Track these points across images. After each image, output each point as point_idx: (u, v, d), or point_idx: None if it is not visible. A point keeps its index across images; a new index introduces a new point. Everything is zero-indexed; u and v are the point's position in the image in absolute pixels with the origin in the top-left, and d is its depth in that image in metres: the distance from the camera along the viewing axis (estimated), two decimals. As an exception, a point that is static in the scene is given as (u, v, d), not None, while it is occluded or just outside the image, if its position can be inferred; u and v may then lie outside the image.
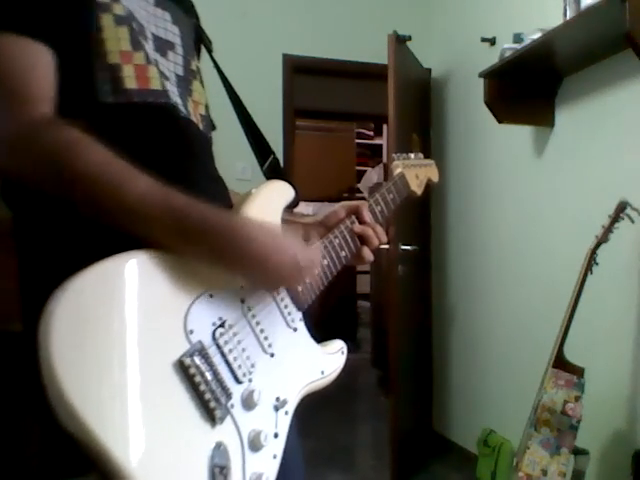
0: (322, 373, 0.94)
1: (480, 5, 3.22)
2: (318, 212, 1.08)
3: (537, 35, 2.28)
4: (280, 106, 3.57)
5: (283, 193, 0.96)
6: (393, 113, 3.02)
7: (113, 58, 0.84)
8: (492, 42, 3.01)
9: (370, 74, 3.68)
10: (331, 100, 5.85)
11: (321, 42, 3.63)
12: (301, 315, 0.93)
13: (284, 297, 0.90)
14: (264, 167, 1.08)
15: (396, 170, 1.20)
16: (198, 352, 0.74)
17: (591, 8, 1.97)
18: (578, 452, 1.99)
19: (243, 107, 1.10)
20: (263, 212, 0.90)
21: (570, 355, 2.04)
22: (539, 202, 2.71)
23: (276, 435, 0.82)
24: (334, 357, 0.98)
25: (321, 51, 3.59)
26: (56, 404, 0.62)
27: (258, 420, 0.80)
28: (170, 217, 0.74)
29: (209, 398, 0.73)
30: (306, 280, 0.91)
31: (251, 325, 0.84)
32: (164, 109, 0.89)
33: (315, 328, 0.98)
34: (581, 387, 1.95)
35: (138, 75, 0.86)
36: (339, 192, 7.15)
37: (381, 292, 4.58)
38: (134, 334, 0.69)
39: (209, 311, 0.78)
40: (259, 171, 1.08)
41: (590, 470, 2.05)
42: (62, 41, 0.81)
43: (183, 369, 0.72)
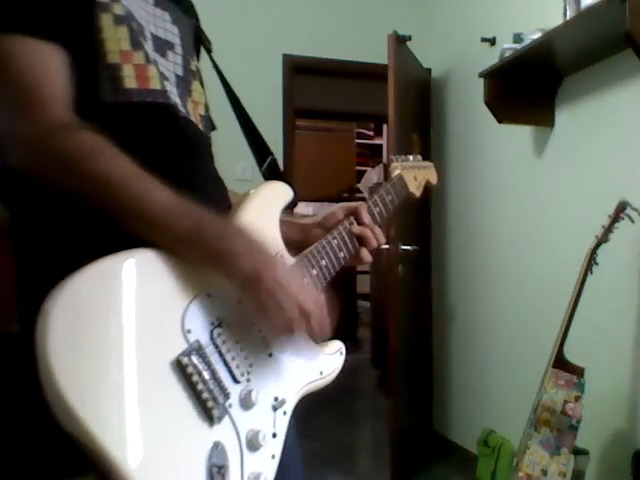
0: (321, 373, 0.94)
1: (480, 5, 3.22)
2: (318, 212, 1.08)
3: (537, 35, 2.28)
4: (280, 106, 3.57)
5: (282, 194, 0.96)
6: (393, 113, 3.02)
7: (113, 58, 0.84)
8: (492, 42, 3.01)
9: (370, 74, 3.68)
10: (331, 100, 5.85)
11: (321, 42, 3.62)
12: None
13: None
14: (262, 168, 1.08)
15: (395, 172, 1.20)
16: (196, 351, 0.74)
17: (591, 8, 1.96)
18: (578, 452, 1.98)
19: (242, 108, 1.10)
20: (261, 213, 0.90)
21: (570, 355, 2.04)
22: (539, 202, 2.71)
23: (274, 435, 0.82)
24: (333, 357, 0.98)
25: (321, 51, 3.59)
26: (54, 404, 0.62)
27: (256, 420, 0.80)
28: (189, 231, 0.75)
29: (207, 397, 0.73)
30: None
31: (249, 325, 0.83)
32: (163, 109, 0.89)
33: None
34: (581, 387, 1.95)
35: (138, 75, 0.86)
36: (339, 192, 7.16)
37: (381, 292, 4.58)
38: (132, 333, 0.69)
39: (207, 311, 0.78)
40: (259, 171, 1.09)
41: (590, 470, 2.05)
42: (66, 41, 0.81)
43: (181, 368, 0.72)
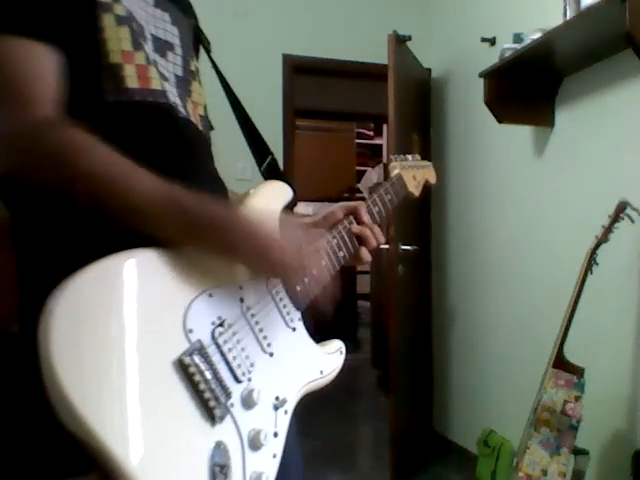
0: (321, 373, 0.95)
1: (480, 5, 3.22)
2: (318, 212, 1.08)
3: (537, 35, 2.28)
4: (280, 106, 3.58)
5: (281, 193, 0.96)
6: (393, 113, 3.02)
7: (115, 58, 0.85)
8: (492, 42, 3.01)
9: (370, 74, 3.68)
10: (331, 100, 5.85)
11: (321, 42, 3.63)
12: (300, 315, 0.93)
13: (283, 297, 0.90)
14: (262, 167, 1.08)
15: (394, 171, 1.20)
16: (197, 351, 0.74)
17: (591, 8, 1.97)
18: (578, 452, 1.98)
19: (241, 108, 1.10)
20: (261, 213, 0.90)
21: (570, 355, 2.04)
22: (539, 202, 2.71)
23: (276, 434, 0.83)
24: (333, 357, 0.98)
25: (321, 51, 3.59)
26: (57, 403, 0.63)
27: (258, 419, 0.80)
28: (175, 213, 0.75)
29: (209, 397, 0.73)
30: (311, 269, 0.91)
31: (250, 324, 0.84)
32: (164, 109, 0.89)
33: (317, 328, 0.99)
34: (581, 387, 1.95)
35: (139, 75, 0.86)
36: (339, 192, 7.15)
37: (381, 292, 4.58)
38: (134, 333, 0.69)
39: (208, 310, 0.78)
40: (258, 171, 1.09)
41: (590, 470, 2.05)
42: (65, 41, 0.81)
43: (182, 368, 0.72)
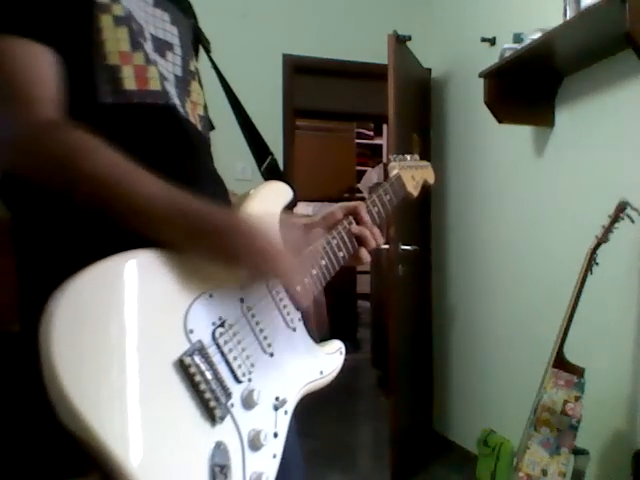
0: (321, 373, 0.95)
1: (480, 5, 3.22)
2: (318, 212, 1.08)
3: (537, 35, 2.28)
4: (280, 106, 3.58)
5: (281, 194, 0.96)
6: (393, 113, 3.02)
7: (112, 59, 0.84)
8: (492, 42, 3.01)
9: (370, 74, 3.68)
10: (331, 100, 5.84)
11: (321, 42, 3.63)
12: (300, 315, 0.93)
13: (283, 297, 0.90)
14: (262, 168, 1.08)
15: (393, 171, 1.20)
16: (198, 351, 0.74)
17: (591, 8, 1.97)
18: (578, 452, 1.99)
19: (241, 108, 1.10)
20: (261, 213, 0.90)
21: (570, 355, 2.04)
22: (539, 202, 2.71)
23: (276, 434, 0.83)
24: (333, 357, 0.98)
25: (321, 51, 3.59)
26: (57, 403, 0.63)
27: (258, 419, 0.80)
28: (177, 217, 0.75)
29: (209, 397, 0.73)
30: (310, 270, 0.92)
31: (251, 325, 0.84)
32: (163, 110, 0.89)
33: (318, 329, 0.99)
34: (581, 387, 1.95)
35: (137, 76, 0.86)
36: (339, 192, 7.15)
37: (381, 292, 4.58)
38: (134, 334, 0.69)
39: (209, 311, 0.78)
40: (258, 171, 1.09)
41: (590, 470, 2.05)
42: (64, 43, 0.81)
43: (183, 368, 0.72)
